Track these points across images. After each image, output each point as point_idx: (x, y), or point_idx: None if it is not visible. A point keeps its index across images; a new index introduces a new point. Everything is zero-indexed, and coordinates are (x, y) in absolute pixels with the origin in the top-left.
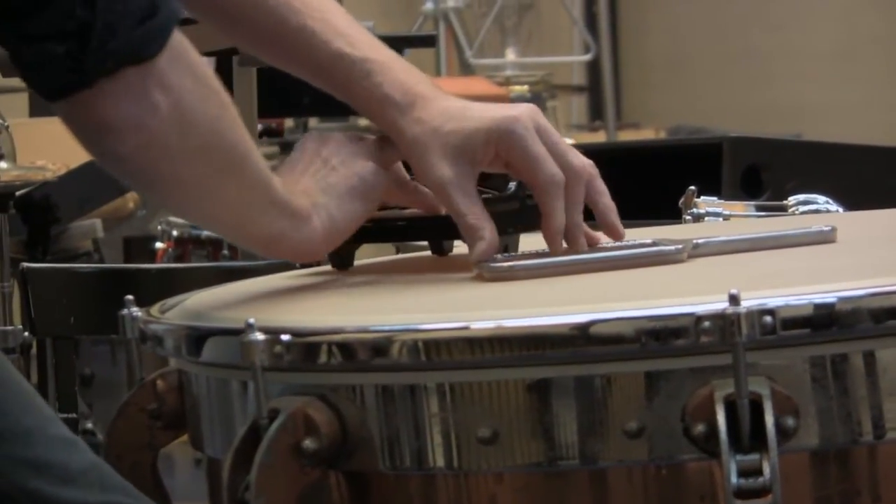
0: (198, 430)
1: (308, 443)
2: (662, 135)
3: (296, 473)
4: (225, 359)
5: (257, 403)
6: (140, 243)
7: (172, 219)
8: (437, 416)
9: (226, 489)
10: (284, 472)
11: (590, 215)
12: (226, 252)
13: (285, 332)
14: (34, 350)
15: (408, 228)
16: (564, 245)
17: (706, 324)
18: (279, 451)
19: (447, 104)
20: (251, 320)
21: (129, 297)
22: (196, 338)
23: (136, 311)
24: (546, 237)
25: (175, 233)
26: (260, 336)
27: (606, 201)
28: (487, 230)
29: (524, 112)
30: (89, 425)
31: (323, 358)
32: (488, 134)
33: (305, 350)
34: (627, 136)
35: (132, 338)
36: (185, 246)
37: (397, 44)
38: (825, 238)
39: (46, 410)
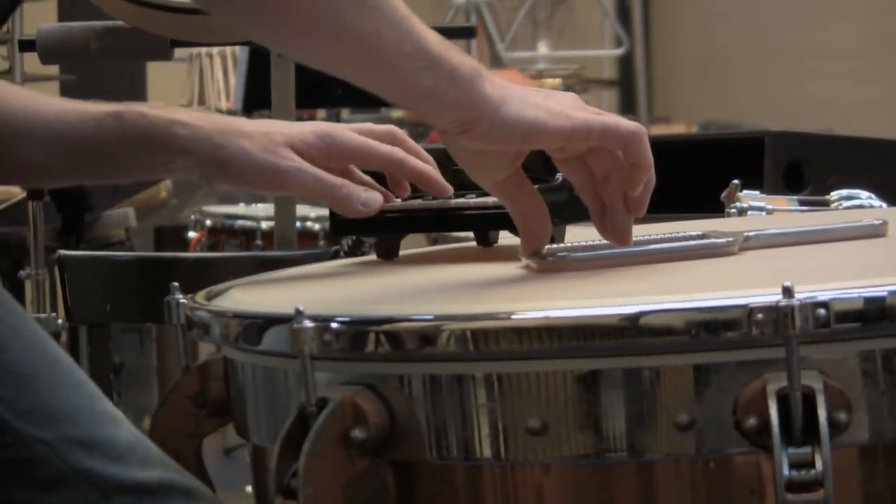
0: (243, 418)
1: (356, 432)
2: (694, 130)
3: (343, 462)
4: (273, 347)
5: (306, 392)
6: (171, 233)
7: (206, 208)
8: (484, 406)
9: (273, 478)
10: (332, 461)
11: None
12: (259, 242)
13: (335, 319)
14: (64, 338)
15: (454, 219)
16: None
17: (759, 316)
18: (327, 440)
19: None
20: (301, 308)
21: (175, 283)
22: (244, 325)
23: (181, 298)
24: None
25: (208, 222)
26: (309, 324)
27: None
28: (543, 224)
29: (572, 101)
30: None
31: (371, 346)
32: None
33: (354, 338)
34: (658, 131)
35: (178, 325)
36: (218, 235)
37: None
38: (876, 232)
39: (90, 386)
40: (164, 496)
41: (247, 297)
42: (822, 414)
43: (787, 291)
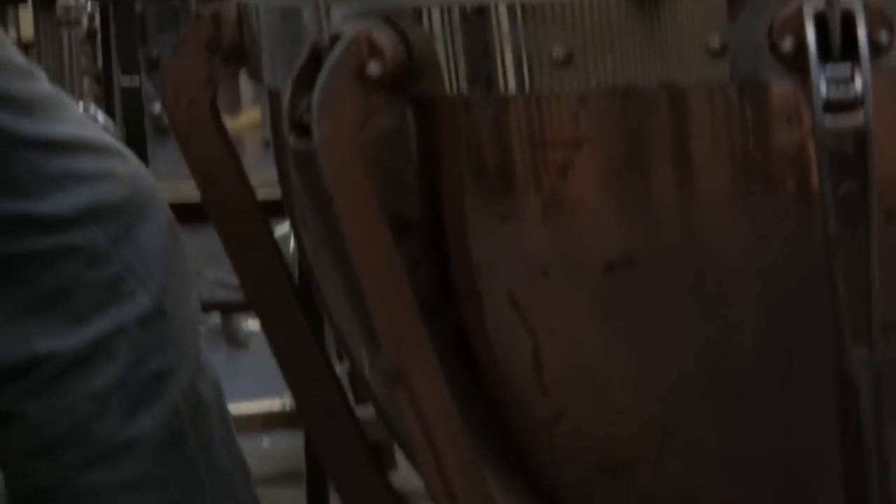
0: (258, 61)
1: (372, 66)
2: None
3: (359, 98)
4: None
5: (318, 25)
6: None
7: None
8: (507, 36)
9: (286, 115)
10: (347, 97)
11: None
12: None
13: None
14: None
15: None
16: None
17: None
18: (342, 75)
19: None
20: None
21: None
22: None
23: None
24: None
25: None
26: None
27: None
28: None
29: None
30: (157, 109)
31: None
32: None
33: None
34: None
35: None
36: None
37: None
38: None
39: (7, 41)
40: (75, 152)
41: None
42: (861, 33)
43: None
